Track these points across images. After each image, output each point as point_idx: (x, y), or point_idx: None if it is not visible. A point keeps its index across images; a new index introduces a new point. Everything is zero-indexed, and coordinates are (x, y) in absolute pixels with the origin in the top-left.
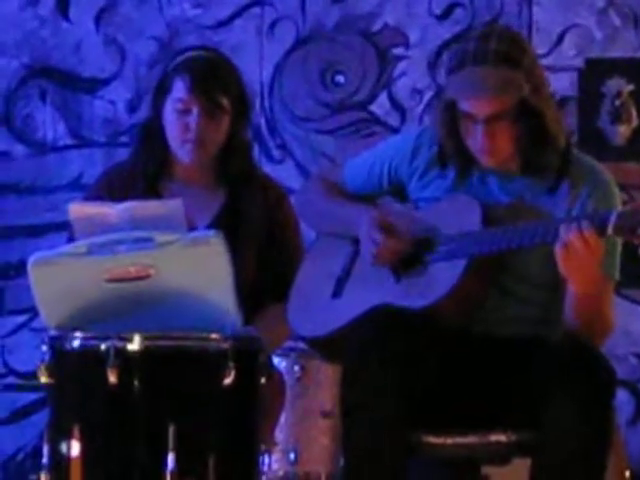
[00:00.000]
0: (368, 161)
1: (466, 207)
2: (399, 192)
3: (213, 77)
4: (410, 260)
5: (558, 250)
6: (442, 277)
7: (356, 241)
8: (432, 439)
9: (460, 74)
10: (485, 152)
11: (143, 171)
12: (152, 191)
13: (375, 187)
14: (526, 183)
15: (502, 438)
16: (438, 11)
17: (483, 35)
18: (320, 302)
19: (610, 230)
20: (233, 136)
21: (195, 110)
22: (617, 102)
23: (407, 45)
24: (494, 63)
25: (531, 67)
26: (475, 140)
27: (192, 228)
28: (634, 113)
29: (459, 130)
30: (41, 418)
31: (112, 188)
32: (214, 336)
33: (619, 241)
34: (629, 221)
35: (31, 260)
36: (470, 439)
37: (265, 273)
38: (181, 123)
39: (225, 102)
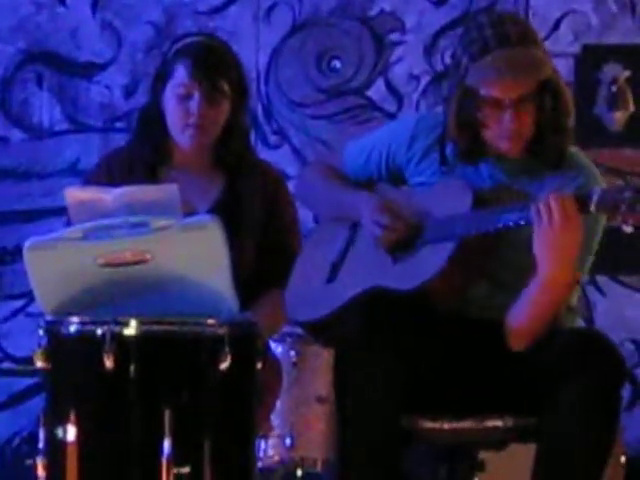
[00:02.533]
0: (367, 146)
1: (458, 191)
2: (396, 178)
3: (214, 62)
4: (403, 244)
5: (538, 237)
6: (431, 259)
7: (353, 227)
8: (428, 424)
9: (486, 59)
10: (510, 137)
11: (142, 157)
12: (151, 177)
13: (373, 172)
14: (522, 171)
15: (498, 423)
16: None
17: (495, 21)
18: (315, 287)
19: (593, 208)
20: (232, 121)
21: (196, 95)
22: (614, 88)
23: (404, 31)
24: (522, 44)
25: (544, 47)
26: (500, 126)
27: (193, 214)
28: (630, 99)
29: (475, 121)
30: (37, 403)
31: (112, 173)
32: (210, 321)
33: (597, 238)
34: (612, 197)
35: (27, 245)
36: (466, 424)
37: (263, 259)
38: (182, 108)
39: (226, 87)
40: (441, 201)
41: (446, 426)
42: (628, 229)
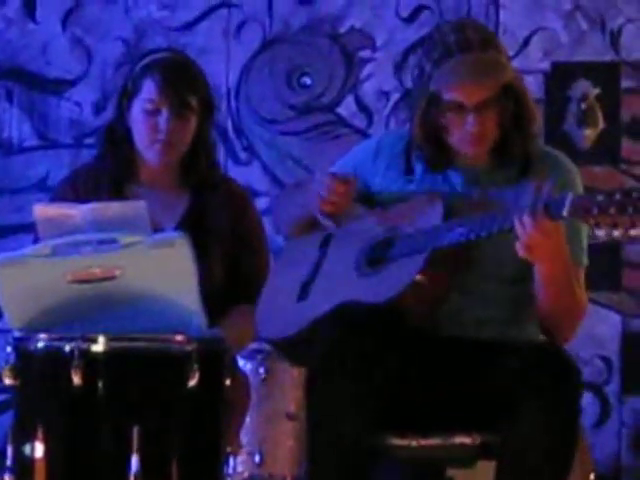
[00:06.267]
0: (336, 170)
1: (429, 204)
2: (366, 200)
3: (183, 77)
4: (375, 258)
5: (520, 248)
6: (402, 272)
7: (323, 246)
8: (397, 441)
9: (448, 64)
10: (474, 141)
11: (109, 173)
12: (117, 193)
13: None
14: (491, 177)
15: (467, 440)
16: (405, 14)
17: (457, 27)
18: (286, 306)
19: (565, 213)
20: (199, 137)
21: (165, 111)
22: (583, 105)
23: (374, 47)
24: (482, 48)
25: (506, 53)
26: (464, 130)
27: (158, 230)
28: (600, 117)
29: (439, 127)
30: (5, 420)
31: (78, 190)
32: (178, 338)
33: (584, 227)
34: (584, 203)
35: None
36: (435, 441)
37: (232, 275)
38: (150, 124)
39: (194, 103)
40: (412, 215)
41: (414, 443)
42: (601, 233)
